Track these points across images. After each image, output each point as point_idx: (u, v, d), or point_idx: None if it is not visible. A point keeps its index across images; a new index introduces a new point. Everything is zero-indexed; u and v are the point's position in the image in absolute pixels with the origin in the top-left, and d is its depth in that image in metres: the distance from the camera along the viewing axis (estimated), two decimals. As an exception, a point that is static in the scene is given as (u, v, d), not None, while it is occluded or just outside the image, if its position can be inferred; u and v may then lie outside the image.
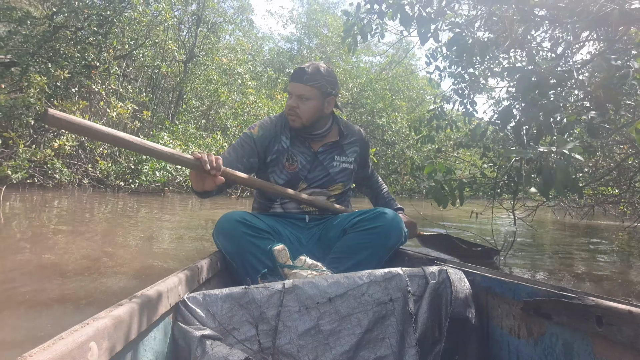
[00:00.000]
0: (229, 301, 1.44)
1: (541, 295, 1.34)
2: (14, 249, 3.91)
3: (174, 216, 7.59)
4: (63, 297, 2.58)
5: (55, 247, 4.06)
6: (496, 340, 1.55)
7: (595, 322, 1.14)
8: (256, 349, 1.42)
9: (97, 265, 3.44)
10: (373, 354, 1.49)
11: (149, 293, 1.24)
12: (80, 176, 12.10)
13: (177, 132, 14.22)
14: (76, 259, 3.60)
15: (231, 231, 2.09)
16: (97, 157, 12.53)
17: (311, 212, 2.46)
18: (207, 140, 14.64)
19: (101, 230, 5.39)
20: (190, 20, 18.60)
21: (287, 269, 1.85)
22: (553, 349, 1.31)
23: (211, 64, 18.16)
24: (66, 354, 0.82)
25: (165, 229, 5.89)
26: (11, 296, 2.55)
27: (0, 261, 3.38)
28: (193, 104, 17.83)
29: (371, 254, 2.13)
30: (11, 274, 3.03)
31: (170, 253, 4.05)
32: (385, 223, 2.15)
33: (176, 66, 17.44)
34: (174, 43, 16.28)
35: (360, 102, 23.79)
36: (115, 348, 1.01)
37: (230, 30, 21.37)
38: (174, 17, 15.97)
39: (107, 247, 4.21)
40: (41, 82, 10.79)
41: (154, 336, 1.27)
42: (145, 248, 4.29)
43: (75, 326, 0.94)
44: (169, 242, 4.77)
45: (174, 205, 9.80)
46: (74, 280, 2.97)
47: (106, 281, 3.01)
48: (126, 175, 12.51)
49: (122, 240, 4.71)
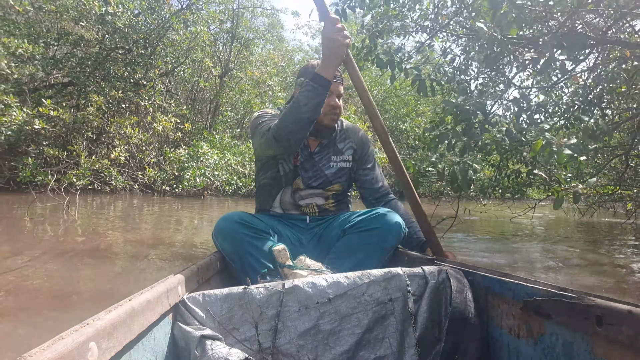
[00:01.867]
0: (228, 301, 1.34)
1: (541, 295, 1.22)
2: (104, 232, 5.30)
3: (212, 213, 8.66)
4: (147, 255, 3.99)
5: (130, 229, 5.67)
6: (496, 340, 1.42)
7: (595, 321, 1.04)
8: (256, 349, 1.32)
9: (154, 243, 4.73)
10: (373, 354, 1.38)
11: (149, 293, 1.15)
12: (131, 182, 12.59)
13: (214, 142, 14.51)
14: (136, 239, 4.91)
15: (230, 232, 1.95)
16: (145, 165, 12.98)
17: (312, 213, 2.29)
18: (242, 148, 14.97)
19: (152, 222, 6.69)
20: (225, 37, 18.83)
21: (286, 269, 1.72)
22: (553, 349, 1.19)
23: (245, 77, 18.36)
24: (66, 354, 0.77)
25: (205, 222, 7.06)
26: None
27: (94, 241, 4.63)
28: (228, 115, 18.09)
29: (370, 254, 1.98)
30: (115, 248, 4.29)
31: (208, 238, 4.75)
32: (385, 224, 1.99)
33: (213, 80, 17.69)
34: (211, 59, 16.48)
35: (384, 108, 23.49)
36: (115, 348, 0.94)
37: (262, 44, 21.33)
38: (210, 35, 16.13)
39: (159, 233, 5.54)
40: (99, 101, 11.34)
41: (154, 336, 1.19)
42: (189, 235, 5.54)
43: (75, 326, 0.87)
44: (207, 233, 5.43)
45: (212, 206, 10.61)
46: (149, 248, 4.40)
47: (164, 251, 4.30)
48: (170, 181, 12.94)
49: (173, 228, 6.10)
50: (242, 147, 15.20)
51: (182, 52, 14.56)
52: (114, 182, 11.59)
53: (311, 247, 2.18)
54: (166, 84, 15.00)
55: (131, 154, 12.76)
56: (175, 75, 15.05)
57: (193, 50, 14.97)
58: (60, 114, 10.30)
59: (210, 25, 15.83)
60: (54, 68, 11.61)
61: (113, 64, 12.53)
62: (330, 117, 2.20)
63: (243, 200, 13.07)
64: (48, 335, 0.82)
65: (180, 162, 13.12)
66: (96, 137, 12.16)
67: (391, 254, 2.04)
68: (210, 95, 18.25)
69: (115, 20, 11.42)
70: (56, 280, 3.08)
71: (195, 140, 14.34)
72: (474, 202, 10.29)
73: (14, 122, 9.24)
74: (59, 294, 2.76)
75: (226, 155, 13.77)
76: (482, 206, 9.40)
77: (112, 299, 1.55)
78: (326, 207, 2.30)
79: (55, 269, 3.38)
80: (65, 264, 3.56)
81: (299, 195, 2.28)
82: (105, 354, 0.89)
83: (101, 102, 11.42)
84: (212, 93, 17.89)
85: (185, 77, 15.35)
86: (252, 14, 21.00)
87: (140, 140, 12.69)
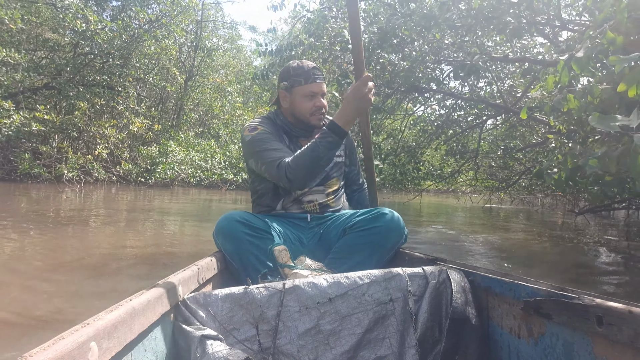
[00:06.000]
0: (229, 301, 1.14)
1: (541, 295, 1.04)
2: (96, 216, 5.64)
3: (179, 203, 9.02)
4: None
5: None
6: (496, 340, 1.22)
7: (596, 321, 0.90)
8: (256, 349, 1.12)
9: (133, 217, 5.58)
10: (373, 354, 1.17)
11: (149, 293, 0.99)
12: (110, 175, 12.89)
13: (180, 140, 15.06)
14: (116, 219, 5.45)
15: (231, 231, 1.65)
16: (122, 160, 13.26)
17: (313, 211, 1.95)
18: (204, 146, 15.52)
19: (129, 208, 7.08)
20: (189, 46, 18.72)
21: (287, 269, 1.47)
22: (553, 349, 1.03)
23: (207, 82, 18.64)
24: (66, 354, 0.66)
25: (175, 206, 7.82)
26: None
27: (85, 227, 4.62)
28: (192, 116, 18.43)
29: (371, 254, 1.71)
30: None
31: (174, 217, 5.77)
32: (385, 223, 1.72)
33: (178, 84, 17.56)
34: (176, 66, 16.75)
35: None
36: (115, 348, 0.80)
37: (222, 53, 20.82)
38: (177, 47, 16.27)
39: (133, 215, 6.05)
40: (84, 107, 11.99)
41: (154, 336, 1.01)
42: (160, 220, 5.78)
43: (75, 326, 0.75)
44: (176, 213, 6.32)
45: (179, 194, 11.19)
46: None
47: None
48: (144, 173, 13.39)
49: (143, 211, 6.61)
50: (204, 144, 15.76)
51: (152, 61, 14.62)
52: (97, 174, 11.92)
53: (312, 246, 1.88)
54: (137, 89, 15.17)
55: (110, 150, 12.97)
56: (145, 81, 15.03)
57: (161, 60, 15.06)
58: (53, 117, 10.97)
59: (177, 37, 15.96)
60: (35, 73, 11.97)
61: (91, 72, 12.92)
62: (317, 117, 1.87)
63: (205, 190, 13.85)
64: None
65: (152, 157, 13.65)
66: (78, 136, 12.54)
67: (392, 254, 1.77)
68: (176, 98, 18.09)
69: (95, 36, 11.76)
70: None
71: (164, 139, 14.74)
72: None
73: (13, 123, 9.86)
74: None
75: (191, 152, 14.46)
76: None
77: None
78: (327, 203, 1.96)
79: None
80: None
81: (301, 192, 1.93)
82: (106, 353, 0.77)
83: (85, 107, 11.95)
84: (177, 97, 17.81)
85: (154, 82, 15.28)
86: (214, 25, 21.00)
87: (117, 139, 13.07)
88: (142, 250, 3.49)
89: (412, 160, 7.25)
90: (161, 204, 7.95)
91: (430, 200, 14.81)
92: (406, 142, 7.92)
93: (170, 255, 3.36)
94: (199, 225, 5.27)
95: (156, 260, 3.15)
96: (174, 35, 14.99)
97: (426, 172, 8.06)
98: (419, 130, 7.83)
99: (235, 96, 18.72)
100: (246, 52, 24.86)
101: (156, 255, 3.31)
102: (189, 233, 4.66)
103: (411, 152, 7.27)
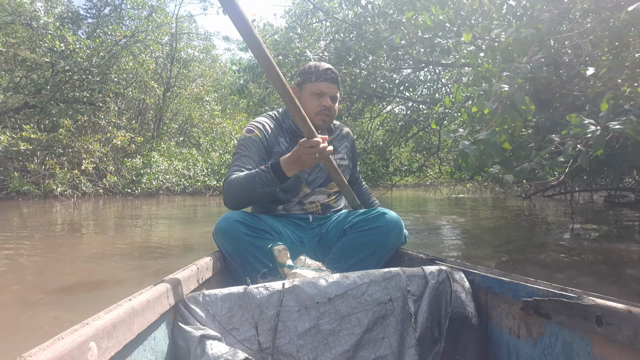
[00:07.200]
0: (228, 301, 1.10)
1: (541, 294, 1.01)
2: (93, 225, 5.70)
3: (167, 210, 8.90)
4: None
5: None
6: (496, 340, 1.17)
7: (595, 321, 0.87)
8: (256, 348, 1.08)
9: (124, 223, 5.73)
10: (373, 354, 1.11)
11: (149, 293, 0.94)
12: (97, 187, 12.62)
13: (162, 151, 14.91)
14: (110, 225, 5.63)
15: (231, 231, 1.55)
16: (107, 173, 13.06)
17: (315, 212, 1.85)
18: (186, 154, 15.39)
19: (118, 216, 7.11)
20: (165, 59, 18.40)
21: (286, 269, 1.40)
22: (552, 349, 0.99)
23: (185, 92, 18.46)
24: (66, 354, 0.63)
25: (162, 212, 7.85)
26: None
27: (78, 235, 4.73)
28: (171, 126, 18.30)
29: (371, 254, 1.64)
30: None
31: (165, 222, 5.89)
32: (385, 223, 1.64)
33: (156, 96, 17.34)
34: (153, 79, 16.60)
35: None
36: (115, 348, 0.77)
37: (198, 64, 20.60)
38: (153, 61, 16.05)
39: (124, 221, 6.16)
40: (68, 124, 11.85)
41: (154, 336, 0.97)
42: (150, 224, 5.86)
43: (75, 326, 0.71)
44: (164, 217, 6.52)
45: (165, 202, 11.13)
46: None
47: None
48: (130, 185, 13.16)
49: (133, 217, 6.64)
50: (186, 153, 15.69)
51: (129, 76, 14.46)
52: (84, 188, 11.81)
53: (312, 246, 1.78)
54: (117, 103, 14.94)
55: (95, 165, 12.81)
56: (125, 95, 14.78)
57: (140, 75, 14.93)
58: (39, 136, 10.92)
59: (153, 50, 15.71)
60: (15, 92, 11.83)
61: (70, 88, 12.70)
62: (322, 118, 1.75)
63: (190, 197, 13.69)
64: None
65: (137, 169, 13.47)
66: (63, 152, 12.26)
67: (391, 254, 1.69)
68: (155, 110, 17.87)
69: (74, 55, 11.63)
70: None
71: (146, 150, 14.66)
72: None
73: (1, 144, 9.94)
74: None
75: (174, 162, 14.38)
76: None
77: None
78: (329, 204, 1.87)
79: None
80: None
81: (303, 193, 1.83)
82: (105, 353, 0.74)
83: (70, 124, 11.81)
84: (156, 108, 17.60)
85: (133, 95, 15.10)
86: (189, 37, 20.74)
87: (102, 153, 12.93)
88: (142, 250, 3.65)
89: (381, 158, 7.73)
90: (149, 211, 8.06)
91: (402, 195, 15.17)
92: (375, 142, 8.50)
93: (164, 249, 3.67)
94: (195, 227, 5.46)
95: (149, 255, 3.38)
96: (150, 49, 14.81)
97: (395, 169, 8.53)
98: (386, 131, 8.31)
99: (213, 105, 18.60)
100: (221, 61, 24.54)
101: (149, 250, 3.57)
102: (178, 236, 4.77)
103: (380, 151, 7.76)
